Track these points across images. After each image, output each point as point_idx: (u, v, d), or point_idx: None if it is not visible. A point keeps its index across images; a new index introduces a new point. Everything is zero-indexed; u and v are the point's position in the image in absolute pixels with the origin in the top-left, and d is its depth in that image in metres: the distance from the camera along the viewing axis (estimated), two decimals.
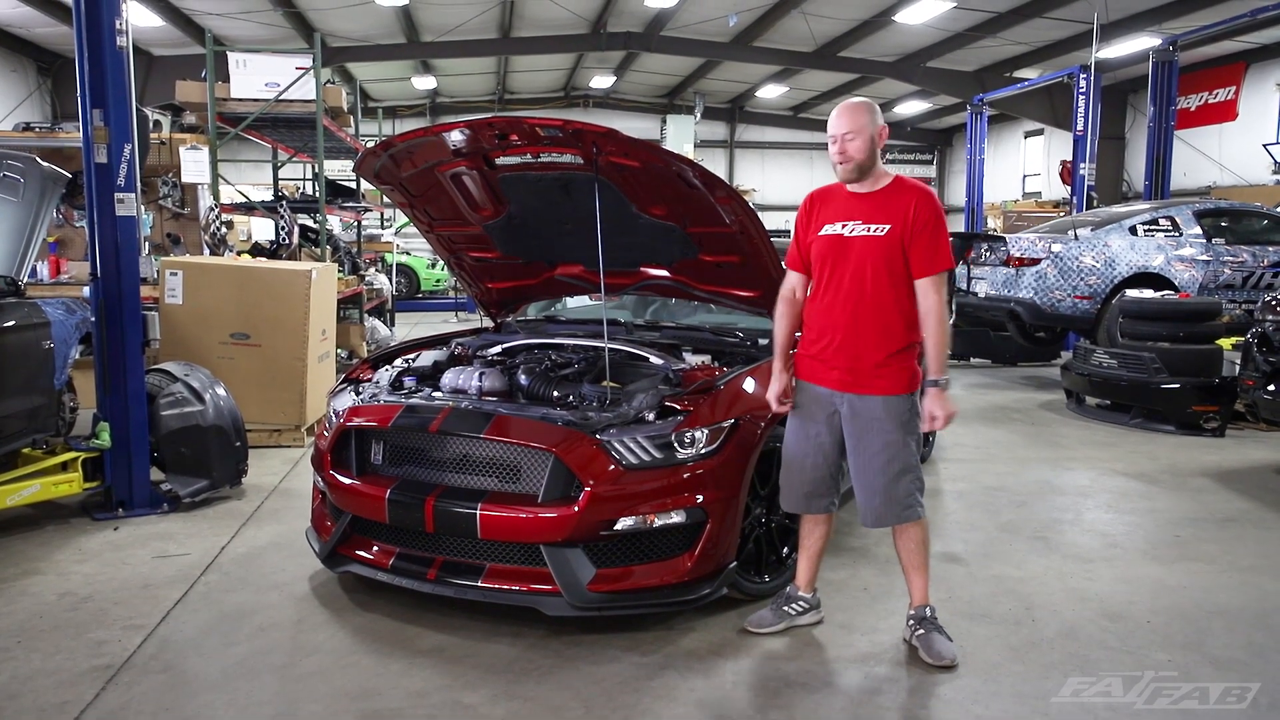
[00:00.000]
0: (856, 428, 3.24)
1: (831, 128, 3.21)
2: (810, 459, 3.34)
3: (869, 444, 3.22)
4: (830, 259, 3.23)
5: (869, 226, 3.18)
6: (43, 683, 3.09)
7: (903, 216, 3.15)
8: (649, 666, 3.20)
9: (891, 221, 3.15)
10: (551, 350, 4.41)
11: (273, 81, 8.94)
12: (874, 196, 3.22)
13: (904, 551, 3.35)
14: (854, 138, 3.15)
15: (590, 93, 24.96)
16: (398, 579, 3.56)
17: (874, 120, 3.18)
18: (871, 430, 3.21)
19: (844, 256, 3.20)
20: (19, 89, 17.12)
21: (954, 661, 3.20)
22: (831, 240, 3.23)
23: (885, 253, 3.15)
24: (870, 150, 3.17)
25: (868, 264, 3.17)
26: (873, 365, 3.19)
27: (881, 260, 3.16)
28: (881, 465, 3.21)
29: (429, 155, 4.12)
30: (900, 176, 3.27)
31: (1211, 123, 18.34)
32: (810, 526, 3.49)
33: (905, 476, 3.22)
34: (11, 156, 5.08)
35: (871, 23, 16.77)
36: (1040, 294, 8.71)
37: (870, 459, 3.22)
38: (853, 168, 3.18)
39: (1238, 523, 4.91)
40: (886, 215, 3.17)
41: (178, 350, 6.25)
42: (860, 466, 3.25)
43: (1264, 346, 5.98)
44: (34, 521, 4.75)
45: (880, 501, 3.23)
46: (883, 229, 3.16)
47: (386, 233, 17.88)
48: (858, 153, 3.15)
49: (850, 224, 3.21)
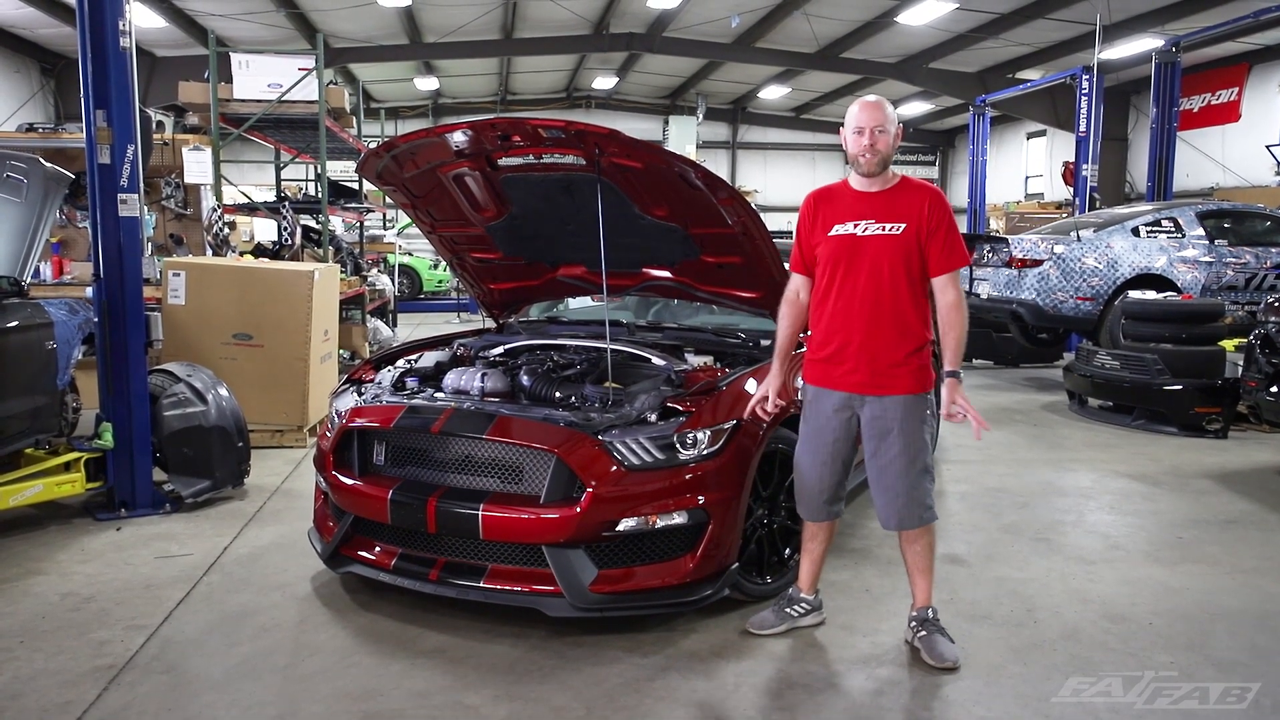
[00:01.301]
0: (877, 429, 3.21)
1: (859, 120, 3.16)
2: (829, 466, 3.33)
3: (891, 445, 3.19)
4: (843, 260, 3.21)
5: (884, 225, 3.16)
6: (45, 683, 3.09)
7: (917, 215, 3.14)
8: (650, 668, 3.20)
9: (906, 220, 3.15)
10: (553, 351, 4.41)
11: (275, 82, 8.95)
12: (884, 195, 3.21)
13: (911, 554, 3.34)
14: (884, 132, 3.14)
15: (593, 94, 24.96)
16: (400, 580, 3.56)
17: (895, 120, 3.19)
18: (893, 431, 3.19)
19: (858, 256, 3.18)
20: (22, 90, 17.16)
21: (956, 663, 3.19)
22: (843, 240, 3.21)
23: (902, 251, 3.15)
24: (893, 146, 3.18)
25: (884, 263, 3.15)
26: (891, 365, 3.17)
27: (900, 259, 3.15)
28: (904, 467, 3.19)
29: (431, 156, 4.12)
30: (906, 176, 3.27)
31: (1214, 124, 18.30)
32: (815, 529, 3.49)
33: (925, 477, 3.22)
34: (15, 157, 5.09)
35: (874, 24, 16.76)
36: (1043, 295, 8.71)
37: (892, 460, 3.20)
38: (878, 161, 3.17)
39: (1240, 524, 4.90)
40: (900, 214, 3.16)
41: (180, 351, 6.26)
42: (881, 468, 3.23)
43: (1267, 348, 5.97)
44: (37, 522, 4.76)
45: (904, 503, 3.22)
46: (899, 227, 3.15)
47: (389, 233, 17.91)
48: (886, 147, 3.15)
49: (863, 223, 3.19)
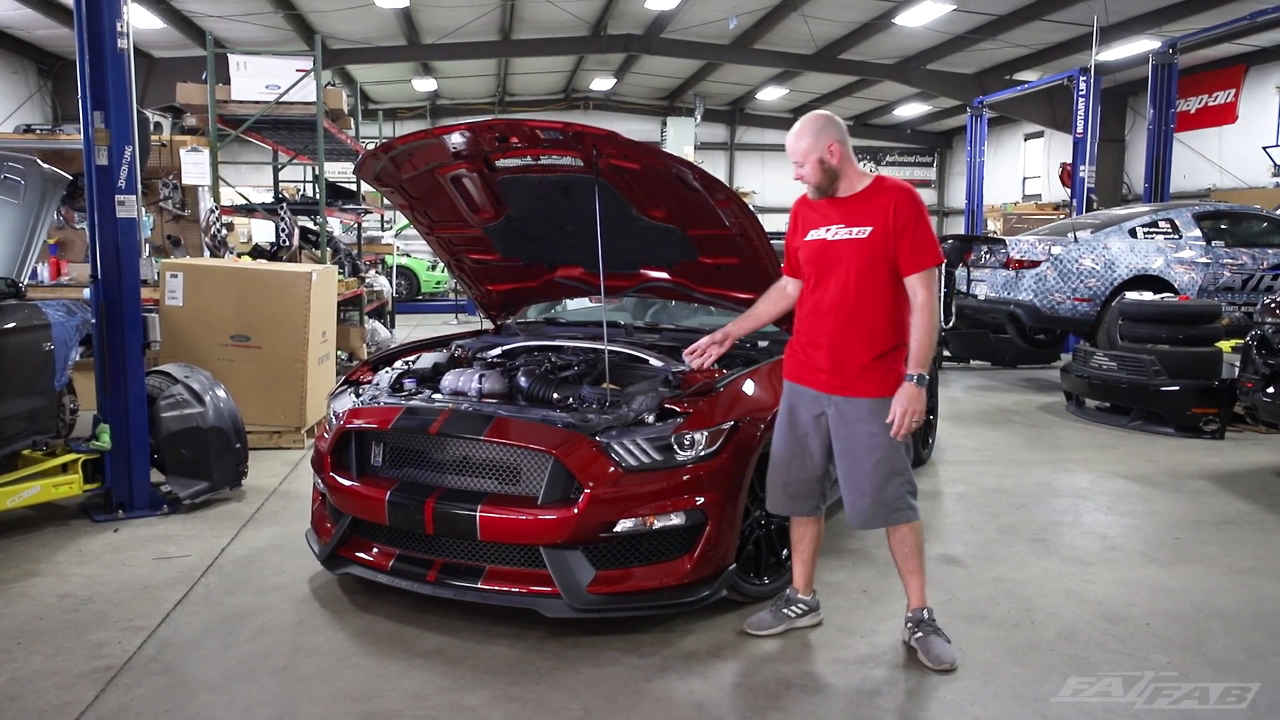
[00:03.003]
0: (844, 430, 3.25)
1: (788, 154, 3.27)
2: (796, 459, 3.36)
3: (856, 447, 3.22)
4: (816, 263, 3.27)
5: (850, 230, 3.20)
6: (43, 684, 3.09)
7: (884, 217, 3.16)
8: (648, 668, 3.21)
9: (873, 223, 3.17)
10: (551, 352, 4.42)
11: (273, 84, 8.94)
12: (854, 199, 3.23)
13: (898, 554, 3.36)
14: (803, 164, 3.21)
15: (590, 95, 24.97)
16: (397, 581, 3.56)
17: (819, 141, 3.18)
18: (859, 433, 3.21)
19: (829, 260, 3.23)
20: (20, 91, 17.13)
21: (953, 664, 3.20)
22: (817, 245, 3.27)
23: (868, 255, 3.17)
24: (824, 169, 3.20)
25: (852, 267, 3.19)
26: (859, 368, 3.20)
27: (865, 262, 3.18)
28: (869, 468, 3.21)
29: (429, 158, 4.12)
30: (881, 176, 3.29)
31: (1211, 125, 18.33)
32: (801, 529, 3.50)
33: (894, 479, 3.23)
34: (12, 158, 5.09)
35: (871, 25, 16.77)
36: (1040, 296, 8.72)
37: (857, 461, 3.23)
38: (816, 187, 3.25)
39: (1237, 525, 4.91)
40: (867, 217, 3.18)
41: (178, 352, 6.25)
42: (848, 469, 3.26)
43: (1263, 349, 5.98)
44: (34, 523, 4.76)
45: (869, 503, 3.24)
46: (864, 231, 3.18)
47: (387, 235, 17.88)
48: (811, 176, 3.22)
49: (833, 228, 3.23)
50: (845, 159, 3.21)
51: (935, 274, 3.16)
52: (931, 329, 3.14)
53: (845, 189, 3.24)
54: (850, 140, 3.26)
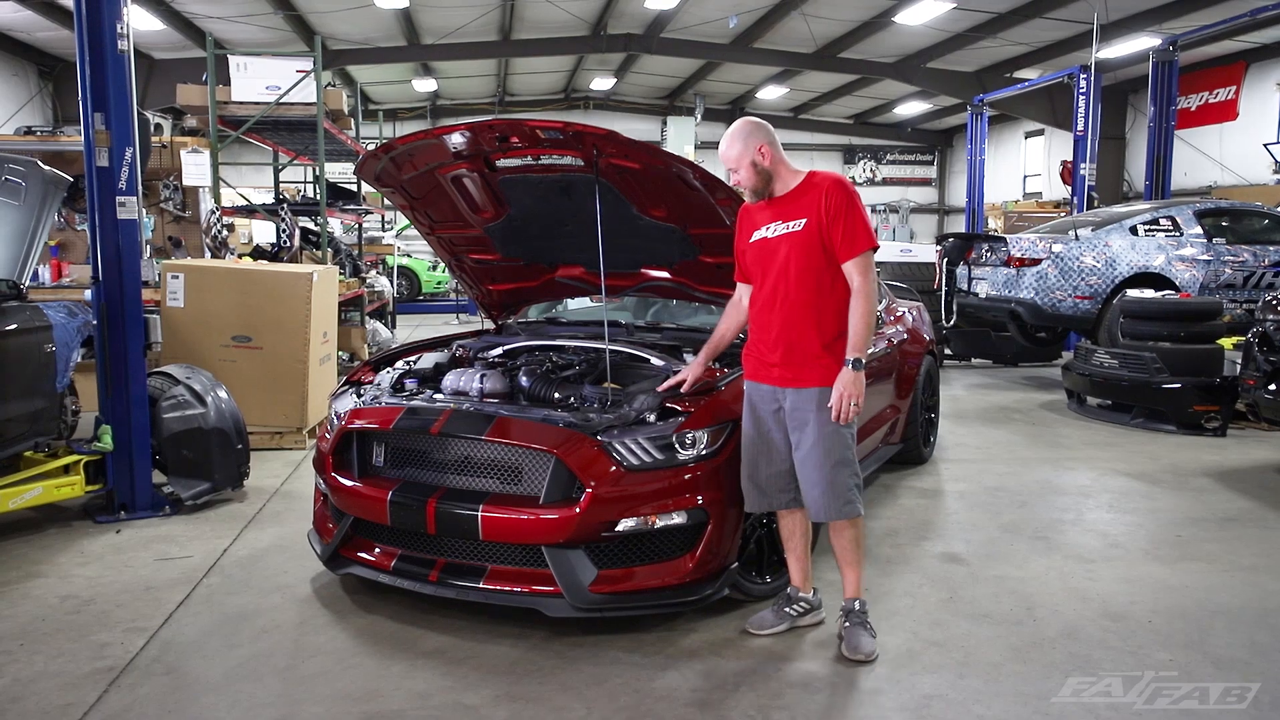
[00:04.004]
0: (796, 421, 3.31)
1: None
2: (764, 455, 3.41)
3: (807, 436, 3.28)
4: (762, 262, 3.37)
5: (788, 224, 3.29)
6: (45, 685, 3.09)
7: (816, 208, 3.24)
8: (650, 667, 3.21)
9: (806, 215, 3.25)
10: (552, 352, 4.42)
11: (273, 84, 8.95)
12: (788, 196, 3.32)
13: (837, 546, 3.40)
14: (736, 171, 3.31)
15: (591, 94, 24.96)
16: (400, 581, 3.57)
17: (749, 145, 3.27)
18: (808, 423, 3.27)
19: (770, 258, 3.32)
20: (20, 93, 17.14)
21: (870, 657, 3.25)
22: (760, 245, 3.36)
23: (805, 245, 3.25)
24: (757, 171, 3.29)
25: (791, 260, 3.27)
26: (806, 359, 3.27)
27: (802, 254, 3.26)
28: (819, 458, 3.26)
29: (430, 158, 4.12)
30: (813, 171, 3.37)
31: (1212, 122, 18.31)
32: (788, 525, 3.53)
33: (843, 470, 3.27)
34: (13, 160, 5.09)
35: (871, 24, 16.77)
36: (1041, 294, 8.71)
37: (809, 451, 3.28)
38: (750, 192, 3.35)
39: (1239, 522, 4.91)
40: (802, 210, 3.27)
41: (179, 353, 6.26)
42: (801, 460, 3.32)
43: (1265, 346, 5.98)
44: (36, 524, 4.76)
45: (821, 493, 3.28)
46: (799, 223, 3.26)
47: (388, 235, 17.91)
48: (747, 180, 3.32)
49: (772, 225, 3.33)
50: (777, 159, 3.31)
51: (870, 259, 3.24)
52: (868, 313, 3.21)
53: (780, 188, 3.33)
54: (780, 140, 3.35)
